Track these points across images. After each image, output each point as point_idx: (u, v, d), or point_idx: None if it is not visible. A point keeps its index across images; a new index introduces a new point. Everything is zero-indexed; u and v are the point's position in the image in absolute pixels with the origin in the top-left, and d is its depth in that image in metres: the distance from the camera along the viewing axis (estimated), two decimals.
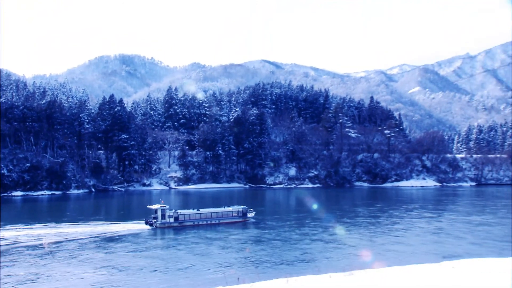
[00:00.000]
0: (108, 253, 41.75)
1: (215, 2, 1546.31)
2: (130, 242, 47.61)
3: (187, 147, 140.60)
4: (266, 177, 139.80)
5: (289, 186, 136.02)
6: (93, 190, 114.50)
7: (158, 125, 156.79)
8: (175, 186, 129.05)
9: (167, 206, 58.42)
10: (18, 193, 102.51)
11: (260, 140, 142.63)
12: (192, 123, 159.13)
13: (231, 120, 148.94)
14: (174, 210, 58.79)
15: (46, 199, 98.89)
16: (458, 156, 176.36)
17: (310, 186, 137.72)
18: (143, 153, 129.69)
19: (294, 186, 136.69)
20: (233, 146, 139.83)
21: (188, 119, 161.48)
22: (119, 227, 55.48)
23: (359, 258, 39.40)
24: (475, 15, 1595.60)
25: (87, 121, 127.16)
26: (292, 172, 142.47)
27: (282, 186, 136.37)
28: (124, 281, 32.24)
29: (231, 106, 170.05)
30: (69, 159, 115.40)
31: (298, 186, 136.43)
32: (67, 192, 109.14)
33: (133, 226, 56.48)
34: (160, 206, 56.93)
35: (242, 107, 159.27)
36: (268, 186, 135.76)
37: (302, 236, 51.71)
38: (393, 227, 58.83)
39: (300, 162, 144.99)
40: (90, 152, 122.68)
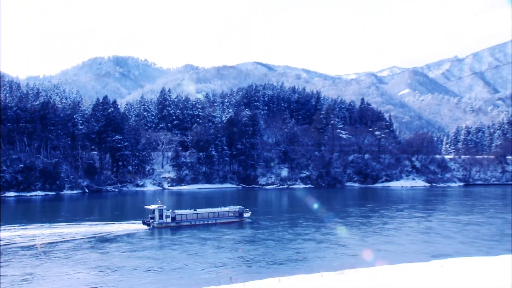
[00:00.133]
0: (104, 253, 41.54)
1: (209, 4, 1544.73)
2: (127, 242, 47.46)
3: (180, 148, 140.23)
4: (259, 177, 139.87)
5: (281, 187, 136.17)
6: (86, 190, 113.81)
7: (151, 126, 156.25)
8: (169, 186, 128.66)
9: (164, 206, 58.55)
10: (12, 193, 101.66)
11: (252, 141, 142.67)
12: (185, 124, 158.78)
13: (224, 121, 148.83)
14: (171, 210, 58.82)
15: (40, 200, 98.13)
16: (446, 157, 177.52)
17: (302, 186, 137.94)
18: (137, 154, 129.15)
19: (286, 186, 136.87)
20: (226, 147, 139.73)
21: (181, 120, 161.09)
22: (117, 227, 55.36)
23: (351, 257, 39.54)
24: (463, 19, 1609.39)
25: (81, 122, 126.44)
26: (284, 172, 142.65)
27: (274, 186, 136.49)
28: (117, 281, 32.09)
29: (224, 108, 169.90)
30: (62, 160, 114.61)
31: (290, 187, 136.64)
32: (61, 192, 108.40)
33: (131, 226, 56.46)
34: (157, 207, 57.15)
35: (235, 109, 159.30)
36: (260, 187, 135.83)
37: (295, 236, 51.80)
38: (384, 227, 59.13)
39: (292, 163, 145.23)
40: (84, 153, 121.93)
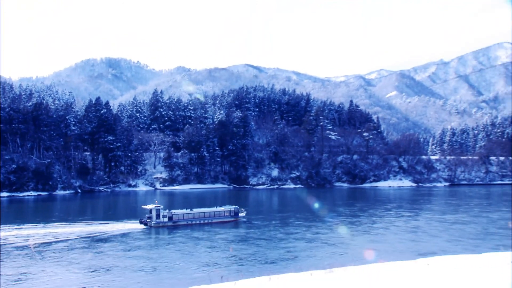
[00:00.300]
0: (100, 252, 41.33)
1: (201, 6, 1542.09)
2: (124, 242, 47.40)
3: (172, 149, 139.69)
4: (250, 178, 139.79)
5: (271, 187, 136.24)
6: (79, 191, 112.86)
7: (144, 127, 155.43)
8: (161, 186, 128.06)
9: (161, 206, 58.83)
10: (4, 194, 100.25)
11: (243, 142, 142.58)
12: (177, 125, 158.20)
13: (216, 122, 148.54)
14: (168, 210, 59.07)
15: (32, 200, 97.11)
16: (432, 157, 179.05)
17: (292, 186, 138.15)
18: (129, 154, 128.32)
19: (276, 186, 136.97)
20: (217, 148, 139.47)
21: (173, 121, 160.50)
22: (115, 227, 55.22)
23: (340, 256, 39.74)
24: (449, 23, 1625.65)
25: (74, 123, 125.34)
26: (274, 173, 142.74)
27: (265, 186, 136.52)
28: (109, 280, 31.89)
29: (216, 109, 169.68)
30: (55, 161, 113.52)
31: (281, 187, 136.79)
32: (53, 193, 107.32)
33: (128, 226, 56.45)
34: (154, 206, 57.58)
35: (226, 110, 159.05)
36: (251, 187, 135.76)
37: (286, 235, 51.95)
38: (372, 226, 59.52)
39: (282, 163, 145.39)
40: (77, 153, 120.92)
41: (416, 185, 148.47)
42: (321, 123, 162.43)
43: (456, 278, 18.72)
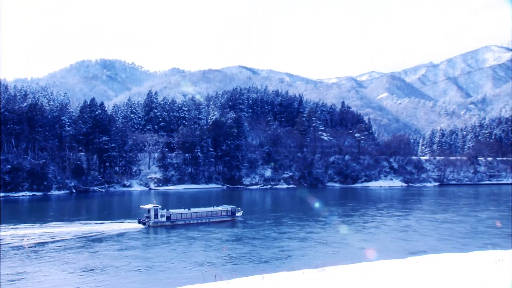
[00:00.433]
0: (97, 252, 41.04)
1: (195, 9, 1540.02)
2: (122, 241, 47.16)
3: (167, 149, 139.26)
4: (243, 178, 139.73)
5: (265, 187, 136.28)
6: (74, 191, 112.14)
7: (138, 128, 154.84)
8: (155, 187, 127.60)
9: (160, 206, 58.69)
10: None
11: (237, 142, 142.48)
12: (171, 126, 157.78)
13: (210, 123, 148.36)
14: (166, 209, 58.98)
15: (27, 200, 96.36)
16: (422, 158, 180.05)
17: (285, 186, 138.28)
18: (124, 155, 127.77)
19: (269, 186, 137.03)
20: (211, 148, 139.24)
21: (167, 122, 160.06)
22: (114, 227, 54.96)
23: (332, 255, 39.82)
24: (438, 27, 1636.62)
25: (68, 124, 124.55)
26: (268, 173, 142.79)
27: (258, 186, 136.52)
28: (103, 280, 31.67)
29: (210, 110, 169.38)
30: (50, 161, 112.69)
31: (274, 187, 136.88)
32: (48, 193, 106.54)
33: (127, 226, 56.12)
34: (153, 206, 57.45)
35: (220, 111, 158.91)
36: (244, 187, 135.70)
37: (280, 234, 51.99)
38: (364, 225, 59.68)
39: (275, 163, 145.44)
40: (71, 154, 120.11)
41: (406, 185, 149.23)
42: (313, 124, 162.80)
43: (444, 276, 18.85)
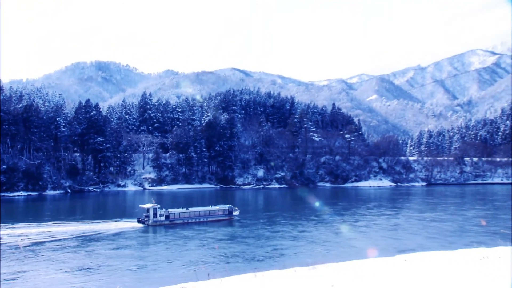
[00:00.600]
0: (93, 251, 40.80)
1: (190, 11, 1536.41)
2: (121, 240, 47.06)
3: (161, 150, 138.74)
4: (236, 178, 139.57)
5: (257, 187, 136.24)
6: (69, 191, 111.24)
7: (133, 128, 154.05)
8: (149, 186, 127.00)
9: (159, 205, 58.73)
10: None
11: (230, 143, 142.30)
12: (165, 127, 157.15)
13: (203, 124, 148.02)
14: (165, 209, 59.03)
15: (23, 200, 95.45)
16: (410, 158, 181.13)
17: (277, 186, 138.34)
18: (118, 155, 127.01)
19: (262, 186, 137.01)
20: (204, 149, 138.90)
21: (162, 123, 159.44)
22: (113, 226, 54.74)
23: (324, 253, 39.93)
24: (426, 30, 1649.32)
25: (64, 124, 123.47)
26: (260, 173, 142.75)
27: (251, 186, 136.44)
28: (98, 279, 31.48)
29: (203, 111, 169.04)
30: (45, 161, 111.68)
31: (266, 187, 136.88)
32: (43, 193, 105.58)
33: (127, 225, 56.01)
34: (152, 206, 57.60)
35: (214, 112, 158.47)
36: (237, 187, 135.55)
37: (273, 233, 52.05)
38: (355, 224, 59.88)
39: (267, 164, 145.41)
40: (66, 154, 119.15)
41: (395, 184, 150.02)
42: (305, 125, 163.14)
43: (430, 273, 19.01)
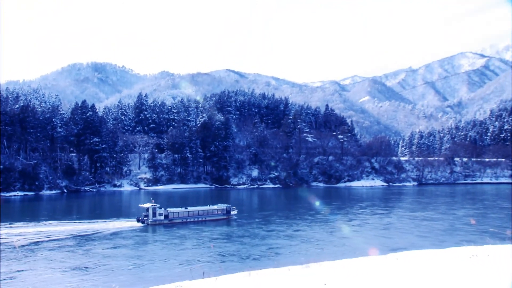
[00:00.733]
0: (89, 250, 40.52)
1: (185, 13, 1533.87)
2: (120, 239, 46.68)
3: (157, 150, 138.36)
4: (231, 178, 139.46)
5: (252, 187, 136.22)
6: (65, 191, 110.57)
7: (128, 129, 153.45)
8: (145, 186, 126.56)
9: (158, 205, 58.67)
10: None
11: (225, 143, 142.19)
12: (161, 128, 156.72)
13: (198, 125, 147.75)
14: (164, 208, 59.00)
15: (19, 200, 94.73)
16: (402, 158, 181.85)
17: (271, 186, 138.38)
18: (114, 155, 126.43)
19: (256, 186, 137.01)
20: (200, 149, 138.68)
21: (157, 124, 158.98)
22: (114, 225, 54.53)
23: (317, 252, 39.98)
24: (417, 33, 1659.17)
25: (60, 125, 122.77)
26: (254, 173, 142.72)
27: (245, 186, 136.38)
28: (94, 279, 31.28)
29: (198, 112, 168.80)
30: (41, 161, 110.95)
31: (260, 186, 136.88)
32: (40, 193, 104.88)
33: (126, 224, 55.89)
34: (151, 205, 57.57)
35: (209, 113, 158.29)
36: (232, 187, 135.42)
37: (268, 232, 52.02)
38: (348, 223, 59.97)
39: (262, 164, 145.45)
40: (63, 154, 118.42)
41: (387, 184, 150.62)
42: (298, 126, 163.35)
43: (421, 271, 19.11)
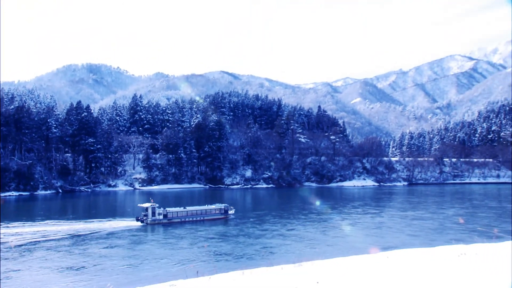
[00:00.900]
0: (86, 250, 40.15)
1: (179, 15, 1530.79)
2: (119, 239, 46.38)
3: (151, 151, 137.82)
4: (225, 178, 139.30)
5: (245, 187, 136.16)
6: (60, 191, 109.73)
7: (123, 130, 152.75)
8: (140, 186, 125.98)
9: (157, 204, 58.59)
10: None
11: (219, 144, 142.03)
12: (155, 128, 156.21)
13: (192, 125, 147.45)
14: (163, 208, 58.93)
15: (14, 200, 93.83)
16: (393, 159, 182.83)
17: (265, 186, 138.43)
18: (109, 156, 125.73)
19: (250, 186, 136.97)
20: (194, 150, 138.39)
21: (152, 125, 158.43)
22: (113, 224, 54.34)
23: (310, 251, 40.05)
24: (407, 36, 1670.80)
25: (55, 126, 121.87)
26: (248, 173, 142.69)
27: (239, 186, 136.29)
28: (89, 279, 31.08)
29: (193, 113, 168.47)
30: (36, 162, 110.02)
31: (254, 186, 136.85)
32: (35, 193, 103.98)
33: (125, 223, 55.76)
34: (150, 205, 57.53)
35: (203, 114, 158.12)
36: (226, 187, 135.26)
37: (262, 231, 52.02)
38: (340, 223, 60.12)
39: (255, 164, 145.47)
40: (58, 155, 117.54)
41: (378, 184, 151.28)
42: (291, 127, 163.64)
43: (411, 269, 19.23)
